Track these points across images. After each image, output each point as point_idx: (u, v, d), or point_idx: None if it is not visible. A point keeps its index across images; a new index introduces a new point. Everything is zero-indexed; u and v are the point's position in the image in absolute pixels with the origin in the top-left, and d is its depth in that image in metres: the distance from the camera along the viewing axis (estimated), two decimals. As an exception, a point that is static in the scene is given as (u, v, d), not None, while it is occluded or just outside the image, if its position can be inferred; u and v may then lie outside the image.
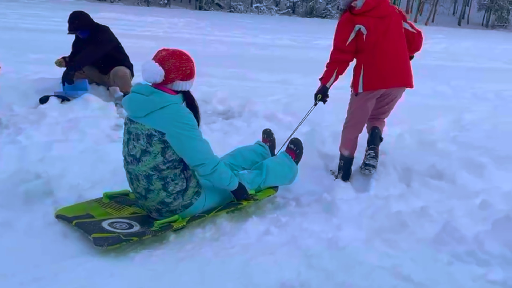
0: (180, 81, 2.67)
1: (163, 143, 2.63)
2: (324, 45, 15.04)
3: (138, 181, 2.77)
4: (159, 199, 2.76)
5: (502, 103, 7.16)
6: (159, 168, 2.68)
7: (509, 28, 40.18)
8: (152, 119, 2.61)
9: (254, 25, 21.88)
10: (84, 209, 2.88)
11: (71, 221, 2.72)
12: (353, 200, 3.21)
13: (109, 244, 2.49)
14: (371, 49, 3.49)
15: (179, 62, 2.65)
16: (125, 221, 2.81)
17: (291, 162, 3.44)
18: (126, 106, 2.74)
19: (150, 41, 12.38)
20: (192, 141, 2.64)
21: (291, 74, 8.38)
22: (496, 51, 17.05)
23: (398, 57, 3.58)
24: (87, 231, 2.62)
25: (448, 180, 3.65)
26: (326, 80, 3.59)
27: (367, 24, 3.44)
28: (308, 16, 38.25)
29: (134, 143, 2.69)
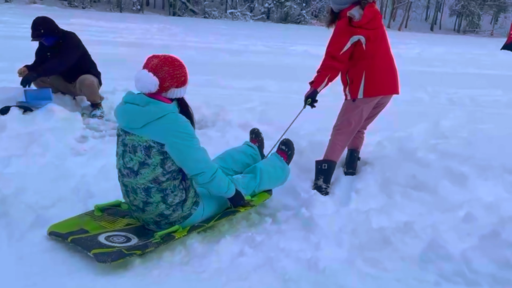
0: (175, 89, 2.58)
1: (162, 154, 2.53)
2: (299, 51, 15.00)
3: (136, 194, 2.65)
4: (158, 212, 2.66)
5: (478, 109, 7.15)
6: (159, 180, 2.58)
7: (480, 33, 40.99)
8: (149, 130, 2.50)
9: (228, 31, 21.71)
10: (77, 224, 2.75)
11: (66, 237, 2.60)
12: (332, 215, 3.03)
13: (112, 259, 2.39)
14: (372, 56, 3.54)
15: (172, 69, 2.54)
16: (122, 234, 2.71)
17: (283, 164, 3.39)
18: (120, 117, 2.63)
19: (122, 48, 12.11)
20: (192, 151, 2.57)
21: (266, 80, 8.20)
22: (468, 56, 17.26)
23: (392, 65, 3.71)
24: (85, 247, 2.51)
25: (429, 191, 3.50)
26: (318, 85, 3.54)
27: (366, 35, 3.46)
28: (282, 22, 38.30)
29: (130, 155, 2.57)
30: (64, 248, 2.63)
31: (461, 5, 41.95)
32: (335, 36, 3.49)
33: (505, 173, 3.88)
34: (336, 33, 3.49)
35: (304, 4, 39.72)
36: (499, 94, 8.43)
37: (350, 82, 3.63)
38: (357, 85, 3.58)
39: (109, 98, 5.78)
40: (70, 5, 34.53)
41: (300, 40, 19.26)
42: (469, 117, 6.25)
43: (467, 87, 9.01)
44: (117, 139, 2.72)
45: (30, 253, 2.56)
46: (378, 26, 3.58)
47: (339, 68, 3.53)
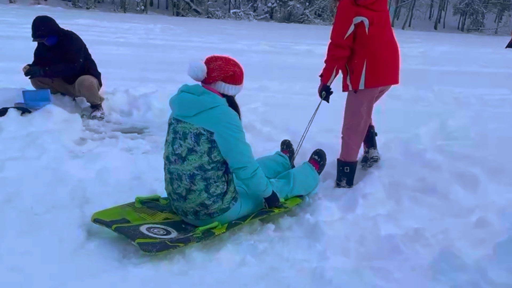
0: (222, 82, 2.70)
1: (210, 143, 2.63)
2: (303, 50, 14.85)
3: (181, 181, 2.73)
4: (199, 201, 2.73)
5: (485, 108, 6.98)
6: (204, 168, 2.67)
7: (484, 32, 40.70)
8: (201, 119, 2.62)
9: (231, 31, 21.56)
10: (119, 214, 2.82)
11: (110, 225, 2.66)
12: (338, 222, 2.89)
13: (157, 250, 2.44)
14: (375, 42, 3.36)
15: (224, 64, 2.71)
16: (162, 227, 2.77)
17: (315, 173, 3.49)
18: (176, 105, 2.74)
19: (124, 48, 11.99)
20: (239, 143, 2.67)
21: (268, 81, 8.05)
22: (473, 54, 17.05)
23: (396, 53, 3.55)
24: (130, 236, 2.57)
25: (439, 195, 3.37)
26: (327, 79, 3.46)
27: (370, 17, 3.29)
28: (286, 22, 38.09)
29: (180, 142, 2.68)
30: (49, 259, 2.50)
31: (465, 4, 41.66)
32: (338, 19, 3.35)
33: (518, 176, 3.74)
34: (338, 15, 3.34)
35: (307, 3, 39.49)
36: (506, 93, 8.27)
37: (351, 72, 3.45)
38: (358, 75, 3.40)
39: (109, 99, 5.65)
40: (74, 6, 34.43)
41: (303, 39, 19.08)
42: (476, 117, 6.09)
43: (473, 86, 8.84)
44: (168, 128, 2.81)
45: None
46: (382, 9, 3.42)
47: (345, 56, 3.38)
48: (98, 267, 2.41)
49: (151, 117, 5.41)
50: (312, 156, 3.66)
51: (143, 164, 3.79)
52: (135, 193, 3.13)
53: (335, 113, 3.83)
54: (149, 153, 4.22)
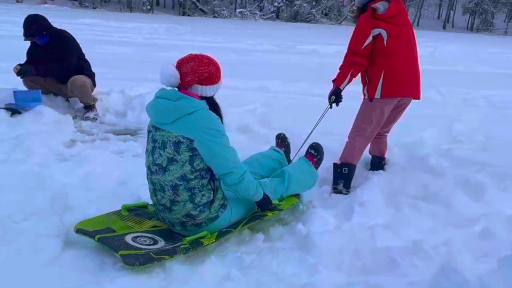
0: (198, 85, 2.53)
1: (191, 151, 2.48)
2: (308, 50, 14.65)
3: (163, 192, 2.60)
4: (185, 212, 2.60)
5: (493, 110, 6.76)
6: (187, 177, 2.52)
7: (494, 32, 40.26)
8: (179, 126, 2.47)
9: (236, 30, 21.41)
10: (104, 223, 2.67)
11: (94, 235, 2.51)
12: (332, 233, 2.71)
13: (141, 263, 2.31)
14: (393, 54, 3.41)
15: (197, 65, 2.51)
16: (149, 236, 2.64)
17: (312, 168, 3.34)
18: (152, 112, 2.59)
19: (127, 48, 11.87)
20: (222, 148, 2.52)
21: (270, 80, 7.88)
22: (482, 54, 16.77)
23: (416, 67, 3.57)
24: (113, 247, 2.43)
25: (442, 204, 3.18)
26: (340, 82, 3.46)
27: (388, 30, 3.37)
28: (292, 21, 37.88)
29: (160, 151, 2.54)
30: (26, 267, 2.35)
31: (474, 3, 41.23)
32: (357, 30, 3.42)
33: (525, 182, 3.54)
34: (358, 26, 3.42)
35: (314, 2, 39.26)
36: (516, 95, 8.04)
37: (369, 81, 3.49)
38: (375, 85, 3.43)
39: (104, 99, 5.50)
40: (81, 5, 34.46)
41: (309, 39, 18.88)
42: (484, 119, 5.88)
43: (482, 87, 8.60)
44: (147, 136, 2.67)
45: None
46: (403, 23, 3.48)
47: (361, 63, 3.42)
48: (70, 282, 2.24)
49: (146, 118, 5.21)
50: (308, 150, 3.49)
51: (132, 168, 3.63)
52: (119, 200, 2.97)
53: (337, 117, 3.69)
54: (139, 156, 4.06)
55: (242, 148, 4.25)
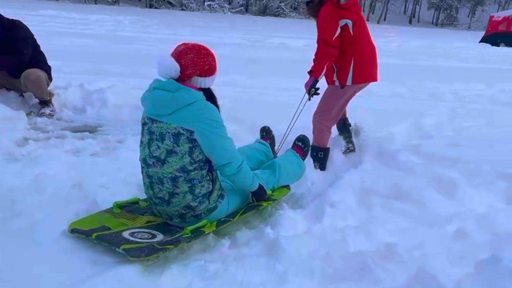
0: (198, 77, 2.50)
1: (190, 142, 2.45)
2: (276, 43, 14.51)
3: (162, 185, 2.54)
4: (184, 203, 2.56)
5: (461, 104, 6.75)
6: (186, 169, 2.49)
7: (458, 27, 41.03)
8: (179, 117, 2.42)
9: (204, 24, 21.11)
10: (98, 221, 2.59)
11: (90, 234, 2.42)
12: (302, 237, 2.54)
13: (146, 254, 2.26)
14: (359, 42, 3.60)
15: (197, 57, 2.47)
16: (145, 231, 2.58)
17: (299, 160, 3.38)
18: (148, 103, 2.53)
19: (88, 40, 11.45)
20: (221, 139, 2.50)
21: (238, 75, 7.66)
22: (448, 49, 17.00)
23: (375, 52, 3.77)
24: (113, 243, 2.35)
25: (414, 202, 3.07)
26: (318, 74, 3.55)
27: (352, 19, 3.52)
28: (261, 15, 37.74)
29: (158, 143, 2.48)
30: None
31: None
32: (324, 22, 3.51)
33: (496, 178, 3.48)
34: (324, 19, 3.51)
35: (283, -4, 39.20)
36: (482, 89, 8.06)
37: (338, 69, 3.64)
38: (346, 72, 3.62)
39: (61, 94, 5.21)
40: (42, -4, 33.42)
41: (277, 32, 18.75)
42: (452, 114, 5.85)
43: (448, 81, 8.62)
44: (142, 129, 2.60)
45: None
46: (359, 11, 3.67)
47: (335, 54, 3.53)
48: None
49: (106, 114, 5.01)
50: (295, 142, 3.55)
51: (88, 168, 3.38)
52: (72, 205, 2.75)
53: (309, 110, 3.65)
54: (97, 155, 3.81)
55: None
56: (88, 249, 2.41)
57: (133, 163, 3.60)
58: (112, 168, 3.49)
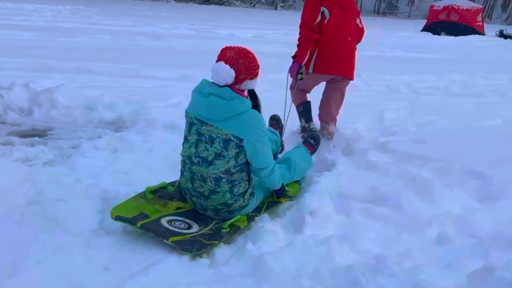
0: (249, 81, 2.65)
1: (238, 148, 2.61)
2: (225, 34, 14.23)
3: (204, 182, 2.69)
4: (222, 201, 2.71)
5: (417, 96, 6.78)
6: (230, 171, 2.65)
7: (399, 15, 41.98)
8: (230, 124, 2.57)
9: (148, 13, 20.43)
10: (137, 208, 2.71)
11: (135, 223, 2.54)
12: (286, 251, 2.39)
13: (197, 249, 2.40)
14: (330, 34, 3.70)
15: (248, 62, 2.62)
16: (179, 219, 2.72)
17: (310, 156, 3.51)
18: (203, 108, 2.63)
19: (27, 32, 10.75)
20: (264, 147, 2.70)
21: (192, 69, 7.38)
22: (393, 38, 17.26)
23: (349, 49, 3.86)
24: (159, 234, 2.49)
25: (393, 206, 2.99)
26: (302, 59, 3.67)
27: (330, 8, 3.65)
28: (205, 3, 37.10)
29: (206, 145, 2.63)
30: None
31: (380, -13, 42.73)
32: (307, 9, 3.68)
33: (467, 176, 3.47)
34: (308, 6, 3.69)
35: (227, -15, 38.69)
36: (433, 80, 8.16)
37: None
38: (310, 60, 3.74)
39: (4, 95, 4.80)
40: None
41: (224, 22, 18.42)
42: (411, 107, 5.86)
43: (401, 72, 8.67)
44: (188, 126, 2.75)
45: None
46: (344, 6, 3.77)
47: (316, 39, 3.65)
48: None
49: (56, 115, 4.65)
50: (308, 139, 3.73)
51: (44, 180, 3.09)
52: (27, 228, 2.46)
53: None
54: (51, 164, 3.48)
55: (172, 149, 3.86)
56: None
57: (92, 172, 3.35)
58: (69, 179, 3.21)
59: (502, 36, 21.05)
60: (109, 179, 3.27)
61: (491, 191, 3.31)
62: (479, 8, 23.12)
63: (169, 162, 3.63)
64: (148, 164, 3.61)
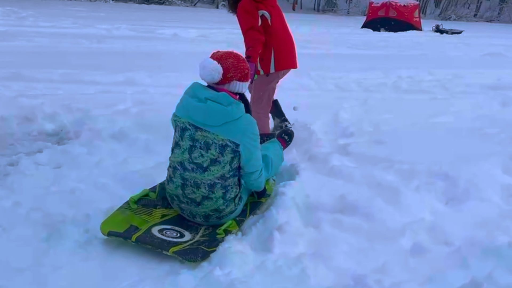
0: (237, 81, 2.65)
1: (233, 153, 2.62)
2: (169, 34, 13.86)
3: (197, 189, 2.64)
4: (214, 207, 2.68)
5: (367, 94, 6.75)
6: (225, 176, 2.65)
7: (338, 12, 42.71)
8: (227, 130, 2.56)
9: (86, 14, 19.66)
10: (125, 221, 2.63)
11: (129, 237, 2.47)
12: (257, 276, 2.19)
13: (201, 258, 2.39)
14: (280, 32, 3.89)
15: (236, 61, 2.64)
16: (169, 227, 2.68)
17: (282, 152, 3.51)
18: (198, 113, 2.57)
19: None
20: (257, 151, 2.71)
21: (136, 72, 7.03)
22: (335, 35, 17.42)
23: (293, 41, 4.08)
24: (157, 246, 2.44)
25: (362, 215, 2.84)
26: (255, 60, 3.76)
27: (269, 11, 3.77)
28: (145, 3, 36.26)
29: (201, 151, 2.59)
30: None
31: (319, -15, 43.25)
32: (246, 14, 3.71)
33: (432, 178, 3.41)
34: (245, 12, 3.72)
35: (167, -17, 37.95)
36: (381, 76, 8.19)
37: (261, 59, 3.84)
38: (268, 61, 3.87)
39: None
40: None
41: (166, 22, 17.98)
42: (364, 106, 5.80)
43: (348, 70, 8.64)
44: (180, 132, 2.66)
45: None
46: (275, 6, 3.94)
47: (263, 40, 3.74)
48: None
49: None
50: (281, 134, 3.90)
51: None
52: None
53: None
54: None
55: (121, 162, 3.59)
56: None
57: (34, 194, 3.03)
58: (7, 202, 2.89)
59: (438, 31, 21.80)
60: (53, 200, 2.97)
61: (456, 193, 3.26)
62: (415, 4, 23.82)
63: (119, 178, 3.36)
64: (96, 180, 3.30)
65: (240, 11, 3.73)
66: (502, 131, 4.61)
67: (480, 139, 4.35)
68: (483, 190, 3.27)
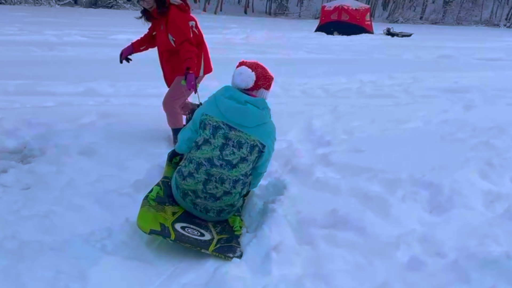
0: (264, 90, 2.88)
1: (258, 153, 2.81)
2: (122, 39, 13.40)
3: (221, 184, 2.76)
4: (231, 201, 2.83)
5: (335, 100, 6.73)
6: (247, 174, 2.84)
7: (289, 16, 43.13)
8: (258, 132, 2.77)
9: (33, 19, 18.87)
10: (155, 219, 2.66)
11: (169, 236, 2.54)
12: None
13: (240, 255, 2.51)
14: (202, 39, 4.21)
15: (264, 71, 2.87)
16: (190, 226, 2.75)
17: None
18: (237, 115, 2.74)
19: None
20: (272, 153, 2.95)
21: (96, 82, 6.73)
22: (292, 39, 17.51)
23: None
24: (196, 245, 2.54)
25: (355, 229, 2.78)
26: (198, 72, 4.09)
27: (194, 20, 4.09)
28: (93, 7, 35.39)
29: (234, 149, 2.74)
30: None
31: (270, -11, 43.53)
32: (182, 24, 3.93)
33: (417, 187, 3.42)
34: (181, 22, 3.93)
35: (115, -13, 37.16)
36: (344, 82, 8.24)
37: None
38: (199, 64, 4.11)
39: None
40: None
41: (118, 27, 17.48)
42: (334, 113, 5.76)
43: (311, 75, 8.64)
44: (212, 130, 2.77)
45: None
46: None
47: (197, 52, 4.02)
48: None
49: None
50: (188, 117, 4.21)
51: None
52: None
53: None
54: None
55: (95, 180, 3.40)
56: None
57: (4, 219, 2.80)
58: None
59: (389, 34, 22.35)
60: (27, 226, 2.74)
61: (441, 201, 3.26)
62: (367, 8, 24.37)
63: (95, 198, 3.16)
64: (70, 202, 3.10)
65: (177, 20, 3.90)
66: (472, 135, 4.69)
67: (454, 144, 4.39)
68: (466, 197, 3.28)
